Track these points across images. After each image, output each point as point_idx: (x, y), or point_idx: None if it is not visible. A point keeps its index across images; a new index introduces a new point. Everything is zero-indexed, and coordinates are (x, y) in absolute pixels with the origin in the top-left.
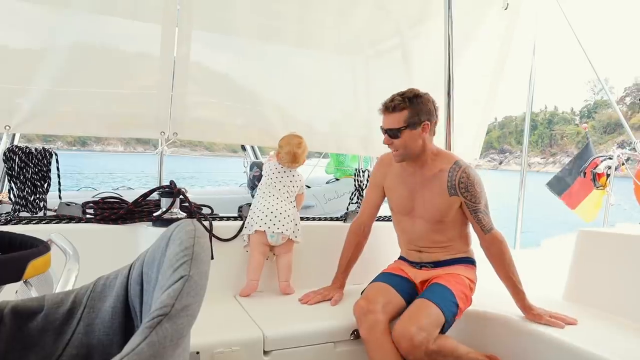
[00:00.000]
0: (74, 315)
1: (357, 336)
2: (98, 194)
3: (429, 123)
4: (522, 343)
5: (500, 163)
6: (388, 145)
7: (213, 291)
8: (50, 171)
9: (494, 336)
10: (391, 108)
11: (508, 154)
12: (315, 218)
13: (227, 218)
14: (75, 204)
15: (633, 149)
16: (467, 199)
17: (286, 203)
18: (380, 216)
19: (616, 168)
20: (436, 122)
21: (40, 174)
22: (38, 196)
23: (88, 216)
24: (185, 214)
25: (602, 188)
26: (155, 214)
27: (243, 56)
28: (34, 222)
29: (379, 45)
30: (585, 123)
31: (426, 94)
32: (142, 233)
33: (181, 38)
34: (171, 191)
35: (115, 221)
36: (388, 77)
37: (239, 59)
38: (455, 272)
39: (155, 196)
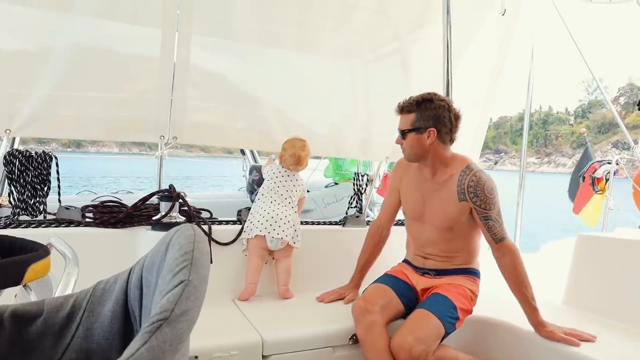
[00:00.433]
0: (74, 319)
1: (356, 341)
2: (97, 198)
3: (436, 130)
4: (522, 348)
5: (495, 163)
6: (400, 145)
7: (211, 295)
8: (50, 175)
9: (494, 342)
10: (401, 109)
11: (503, 154)
12: (314, 222)
13: (226, 222)
14: (74, 208)
15: (631, 154)
16: (477, 205)
17: (288, 208)
18: None
19: (615, 172)
20: (451, 130)
21: (40, 178)
22: (38, 199)
23: (87, 220)
24: (184, 218)
25: (601, 192)
26: (154, 218)
27: (243, 60)
28: (34, 226)
29: (379, 49)
30: (583, 127)
31: (442, 100)
32: (142, 237)
33: (181, 42)
34: (170, 195)
35: (114, 225)
36: (387, 82)
37: (239, 63)
38: (456, 282)
39: (154, 200)
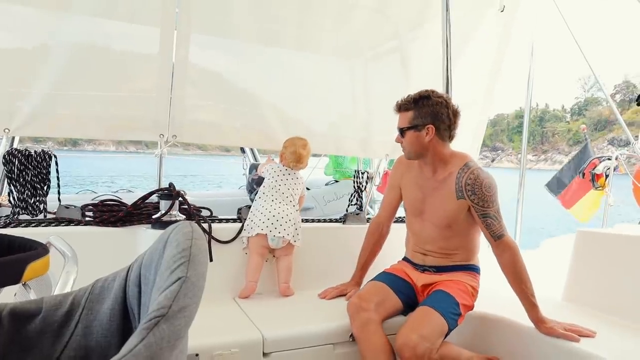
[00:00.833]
0: (72, 317)
1: None
2: (97, 197)
3: (434, 127)
4: (522, 344)
5: (492, 160)
6: (400, 143)
7: (212, 293)
8: (49, 174)
9: (495, 338)
10: (399, 107)
11: (500, 152)
12: (314, 220)
13: (227, 220)
14: (74, 207)
15: (632, 151)
16: (475, 203)
17: (289, 207)
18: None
19: (615, 169)
20: (450, 127)
21: (39, 177)
22: (38, 199)
23: (87, 219)
24: (184, 217)
25: (601, 189)
26: (154, 217)
27: (242, 59)
28: (33, 225)
29: (378, 48)
30: (583, 124)
31: (439, 97)
32: (141, 235)
33: (180, 41)
34: (170, 194)
35: (114, 224)
36: (386, 80)
37: (238, 62)
38: (457, 279)
39: (154, 198)
